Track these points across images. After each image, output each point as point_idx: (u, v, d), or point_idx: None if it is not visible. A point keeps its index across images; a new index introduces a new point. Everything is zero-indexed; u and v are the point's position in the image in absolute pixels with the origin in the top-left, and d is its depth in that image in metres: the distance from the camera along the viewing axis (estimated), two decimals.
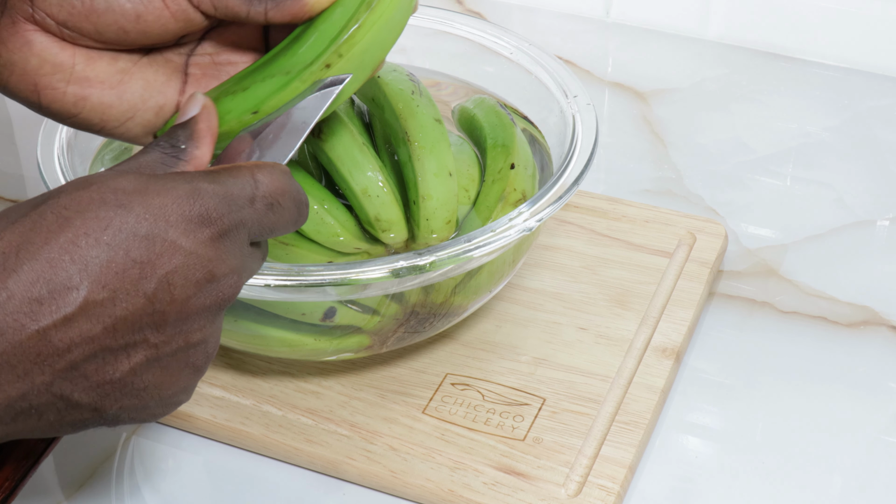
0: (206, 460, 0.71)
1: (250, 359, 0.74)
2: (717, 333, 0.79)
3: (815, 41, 1.06)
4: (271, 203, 0.51)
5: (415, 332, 0.70)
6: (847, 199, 0.90)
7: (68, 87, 0.56)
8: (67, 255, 0.46)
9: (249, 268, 0.52)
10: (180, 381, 0.50)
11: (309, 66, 0.57)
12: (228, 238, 0.49)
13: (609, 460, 0.68)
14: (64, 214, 0.47)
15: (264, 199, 0.51)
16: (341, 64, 0.58)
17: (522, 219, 0.65)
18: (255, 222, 0.51)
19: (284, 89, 0.58)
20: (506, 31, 0.79)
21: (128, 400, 0.49)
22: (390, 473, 0.68)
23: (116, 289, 0.46)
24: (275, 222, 0.52)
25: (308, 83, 0.58)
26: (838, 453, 0.70)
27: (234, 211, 0.50)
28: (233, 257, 0.50)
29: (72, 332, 0.46)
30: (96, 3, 0.54)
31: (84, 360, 0.47)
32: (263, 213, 0.51)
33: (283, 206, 0.52)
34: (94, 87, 0.56)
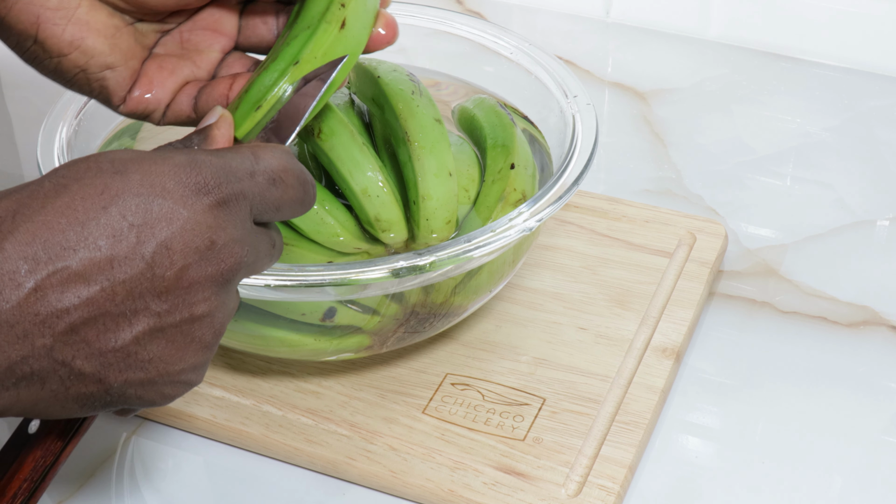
0: (206, 460, 0.71)
1: (250, 359, 0.74)
2: (717, 333, 0.79)
3: (815, 41, 1.06)
4: (273, 178, 0.51)
5: (415, 332, 0.70)
6: (847, 199, 0.90)
7: (68, 26, 0.57)
8: (64, 217, 0.46)
9: (256, 246, 0.51)
10: (187, 356, 0.50)
11: (326, 10, 0.59)
12: (228, 208, 0.49)
13: (609, 460, 0.68)
14: (61, 182, 0.47)
15: (265, 174, 0.51)
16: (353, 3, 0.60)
17: (522, 219, 0.65)
18: (257, 196, 0.51)
19: (314, 35, 0.59)
20: (506, 31, 0.79)
21: (133, 373, 0.48)
22: (390, 473, 0.68)
23: (114, 251, 0.46)
24: (279, 199, 0.52)
25: (334, 24, 0.59)
26: (838, 453, 0.70)
27: (233, 182, 0.50)
28: (234, 228, 0.49)
29: (70, 293, 0.46)
30: None
31: (84, 323, 0.46)
32: (265, 188, 0.51)
33: (287, 183, 0.52)
34: (90, 33, 0.58)
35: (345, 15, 0.59)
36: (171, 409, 0.72)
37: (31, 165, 0.97)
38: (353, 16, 0.60)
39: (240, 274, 0.50)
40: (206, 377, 0.73)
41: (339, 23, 0.59)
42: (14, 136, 1.00)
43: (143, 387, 0.49)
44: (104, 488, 0.69)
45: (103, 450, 0.71)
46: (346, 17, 0.59)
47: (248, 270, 0.51)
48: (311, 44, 0.59)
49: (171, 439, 0.72)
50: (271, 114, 0.58)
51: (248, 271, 0.51)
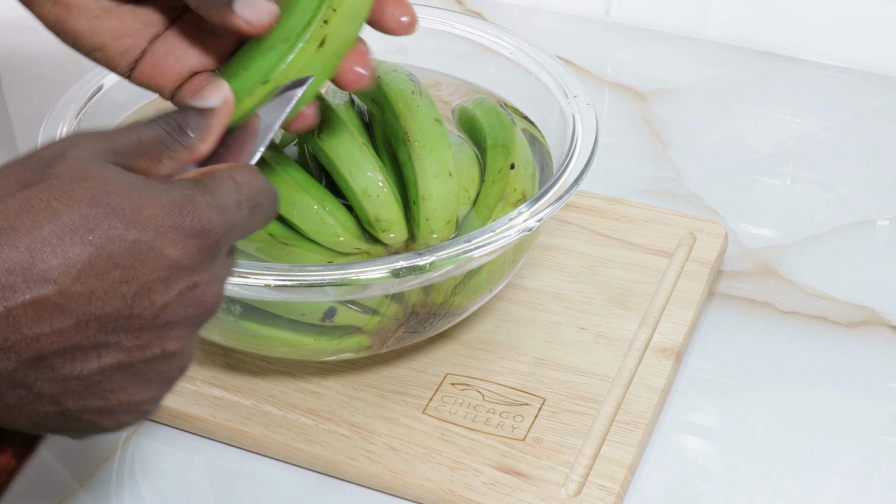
0: (206, 460, 0.71)
1: (250, 359, 0.74)
2: (717, 333, 0.79)
3: (815, 41, 1.06)
4: (253, 206, 0.51)
5: (415, 332, 0.70)
6: (847, 199, 0.91)
7: (52, 7, 0.58)
8: (49, 247, 0.45)
9: (225, 279, 0.51)
10: (151, 389, 0.49)
11: (307, 26, 0.58)
12: (218, 247, 0.49)
13: (609, 460, 0.68)
14: (53, 205, 0.46)
15: (248, 203, 0.51)
16: (336, 19, 0.58)
17: (522, 219, 0.65)
18: (243, 229, 0.51)
19: (291, 53, 0.57)
20: (506, 31, 0.79)
21: (92, 400, 0.48)
22: (390, 473, 0.68)
23: (94, 288, 0.46)
24: (256, 223, 0.52)
25: (312, 43, 0.57)
26: (838, 453, 0.70)
27: (226, 223, 0.50)
28: (216, 267, 0.50)
29: (43, 323, 0.45)
30: None
31: (53, 353, 0.46)
32: (248, 217, 0.51)
33: (263, 206, 0.52)
34: (73, 14, 0.58)
35: (325, 33, 0.58)
36: (172, 409, 0.72)
37: None
38: (333, 35, 0.58)
39: (214, 312, 0.50)
40: (206, 377, 0.73)
41: (318, 41, 0.58)
42: (14, 136, 1.00)
43: (100, 414, 0.49)
44: (104, 488, 0.69)
45: (103, 450, 0.71)
46: (326, 35, 0.58)
47: (218, 307, 0.51)
48: (287, 64, 0.57)
49: (171, 439, 0.72)
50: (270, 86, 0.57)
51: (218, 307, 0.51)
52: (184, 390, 0.72)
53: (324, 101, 0.72)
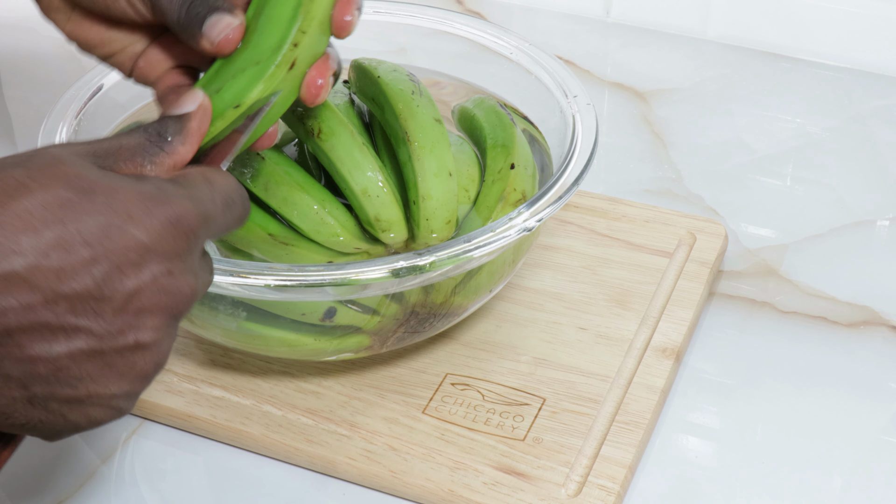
0: (206, 460, 0.71)
1: (250, 359, 0.74)
2: (717, 333, 0.79)
3: (815, 41, 1.06)
4: (227, 202, 0.52)
5: (415, 332, 0.70)
6: (847, 199, 0.91)
7: (66, 24, 0.63)
8: (21, 222, 0.45)
9: (203, 278, 0.51)
10: (123, 383, 0.49)
11: (278, 50, 0.58)
12: (194, 237, 0.49)
13: (609, 460, 0.68)
14: (28, 184, 0.46)
15: (222, 199, 0.52)
16: (305, 41, 0.59)
17: (522, 219, 0.65)
18: (217, 223, 0.51)
19: (261, 78, 0.58)
20: (506, 31, 0.79)
21: (60, 387, 0.48)
22: (390, 473, 0.68)
23: (63, 265, 0.46)
24: (230, 220, 0.53)
25: (283, 67, 0.58)
26: (838, 453, 0.70)
27: (201, 209, 0.50)
28: (191, 258, 0.50)
29: (10, 296, 0.45)
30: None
31: (20, 329, 0.46)
32: (222, 213, 0.52)
33: (235, 203, 0.53)
34: (85, 29, 0.63)
35: (295, 56, 0.59)
36: (171, 409, 0.72)
37: None
38: (303, 57, 0.59)
39: (190, 305, 0.50)
40: (206, 377, 0.73)
41: (288, 64, 0.59)
42: (14, 136, 1.00)
43: (68, 404, 0.48)
44: (104, 488, 0.69)
45: (103, 450, 0.71)
46: (296, 57, 0.59)
47: (195, 301, 0.51)
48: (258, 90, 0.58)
49: (171, 439, 0.72)
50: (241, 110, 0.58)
51: (194, 302, 0.51)
52: (184, 390, 0.73)
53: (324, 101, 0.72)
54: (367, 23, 0.82)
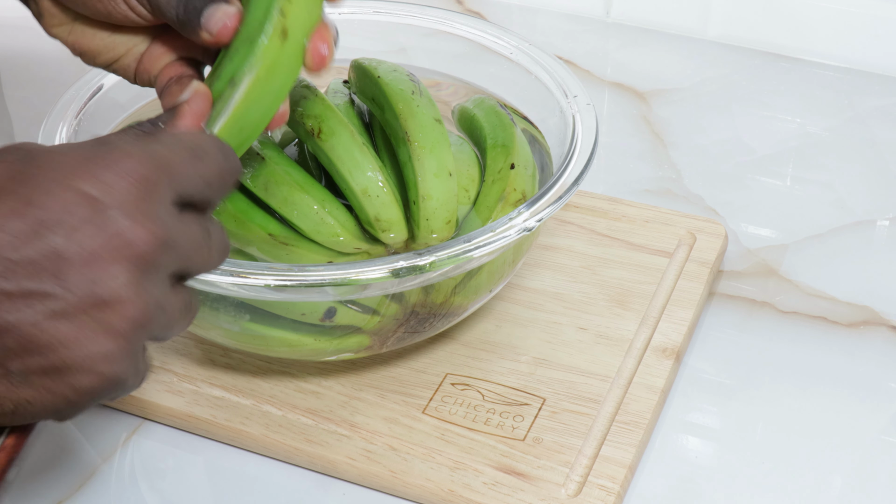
0: (206, 460, 0.71)
1: (250, 359, 0.74)
2: (717, 333, 0.79)
3: (815, 41, 1.06)
4: (193, 150, 0.50)
5: (415, 332, 0.70)
6: (847, 199, 0.91)
7: (69, 36, 0.64)
8: None
9: (185, 232, 0.49)
10: (98, 343, 0.47)
11: (265, 21, 0.58)
12: (150, 185, 0.48)
13: (609, 460, 0.68)
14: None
15: (186, 147, 0.50)
16: (294, 8, 0.58)
17: (522, 219, 0.65)
18: (181, 172, 0.49)
19: (252, 53, 0.58)
20: (506, 31, 0.79)
21: (33, 358, 0.47)
22: (390, 473, 0.68)
23: (14, 231, 0.46)
24: (205, 172, 0.51)
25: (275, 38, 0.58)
26: (838, 453, 0.70)
27: (150, 153, 0.48)
28: (152, 206, 0.48)
29: None
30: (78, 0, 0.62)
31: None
32: (189, 160, 0.50)
33: (209, 154, 0.51)
34: (88, 39, 0.64)
35: (285, 24, 0.58)
36: (171, 409, 0.72)
37: None
38: (295, 25, 0.58)
39: (165, 260, 0.48)
40: (206, 377, 0.73)
41: (279, 34, 0.58)
42: (14, 136, 1.00)
43: (48, 376, 0.47)
44: (104, 488, 0.69)
45: (103, 450, 0.71)
46: (286, 26, 0.58)
47: (182, 259, 0.49)
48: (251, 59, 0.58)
49: (171, 439, 0.72)
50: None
51: (183, 261, 0.49)
52: (184, 390, 0.73)
53: (324, 101, 0.72)
54: (367, 23, 0.82)
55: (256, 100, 0.58)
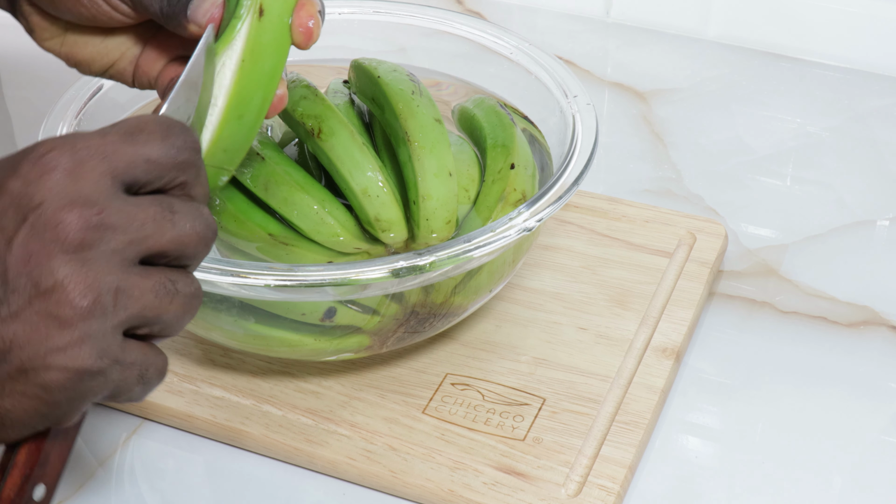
0: (206, 460, 0.71)
1: (250, 359, 0.74)
2: (717, 333, 0.79)
3: (815, 41, 1.06)
4: (128, 132, 0.49)
5: (415, 332, 0.70)
6: (847, 199, 0.91)
7: (62, 47, 0.64)
8: None
9: (123, 210, 0.48)
10: (47, 338, 0.46)
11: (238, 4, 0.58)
12: (74, 176, 0.47)
13: (609, 460, 0.68)
14: None
15: (118, 131, 0.49)
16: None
17: (522, 219, 0.65)
18: (112, 154, 0.48)
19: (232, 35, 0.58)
20: (506, 31, 0.79)
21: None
22: (390, 473, 0.68)
23: None
24: (140, 150, 0.49)
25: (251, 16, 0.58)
26: (838, 453, 0.70)
27: (73, 141, 0.48)
28: (82, 194, 0.47)
29: None
30: (60, 5, 0.62)
31: None
32: (119, 143, 0.48)
33: (146, 131, 0.49)
34: (81, 47, 0.64)
35: (258, 2, 0.58)
36: (171, 409, 0.72)
37: None
38: (270, 1, 0.58)
39: (106, 239, 0.47)
40: (206, 377, 0.73)
41: (256, 12, 0.58)
42: (14, 136, 1.00)
43: (15, 380, 0.47)
44: (104, 488, 0.69)
45: (103, 450, 0.71)
46: (260, 4, 0.58)
47: (131, 238, 0.48)
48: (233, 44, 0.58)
49: (171, 439, 0.72)
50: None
51: (133, 239, 0.48)
52: (184, 390, 0.72)
53: (324, 101, 0.72)
54: (367, 23, 0.82)
55: (248, 84, 0.58)
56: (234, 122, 0.58)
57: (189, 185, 0.51)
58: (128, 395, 0.50)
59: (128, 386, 0.49)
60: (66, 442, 0.52)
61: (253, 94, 0.58)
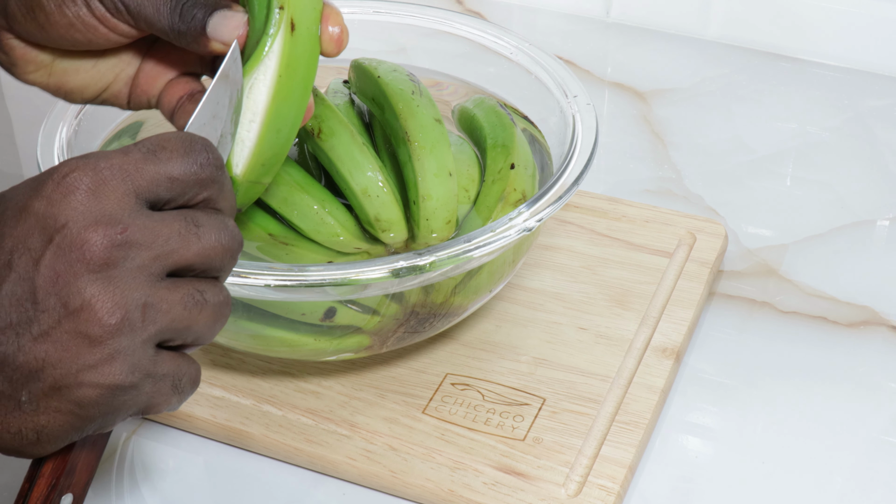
0: (206, 460, 0.71)
1: (250, 359, 0.74)
2: (717, 333, 0.79)
3: (815, 41, 1.06)
4: (150, 149, 0.49)
5: (415, 332, 0.70)
6: (847, 199, 0.91)
7: (50, 78, 0.61)
8: None
9: (147, 226, 0.48)
10: (78, 356, 0.47)
11: (268, 21, 0.57)
12: (96, 195, 0.47)
13: (609, 460, 0.68)
14: None
15: (140, 148, 0.49)
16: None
17: (522, 219, 0.65)
18: (135, 172, 0.48)
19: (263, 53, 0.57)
20: (506, 31, 0.79)
21: (34, 383, 0.47)
22: (390, 473, 0.68)
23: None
24: (164, 167, 0.49)
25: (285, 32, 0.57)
26: (838, 453, 0.70)
27: (95, 161, 0.48)
28: (96, 207, 0.47)
29: None
30: (52, 32, 0.58)
31: None
32: (142, 161, 0.49)
33: (168, 148, 0.49)
34: (71, 75, 0.61)
35: (290, 15, 0.57)
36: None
37: (31, 165, 0.97)
38: (300, 15, 0.57)
39: (132, 256, 0.48)
40: (206, 377, 0.73)
41: (287, 27, 0.57)
42: (14, 136, 1.00)
43: (50, 397, 0.48)
44: (104, 488, 0.69)
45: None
46: (292, 17, 0.57)
47: (156, 253, 0.48)
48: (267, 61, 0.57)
49: (171, 439, 0.72)
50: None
51: (159, 254, 0.48)
52: None
53: (324, 101, 0.72)
54: (367, 23, 0.82)
55: (285, 99, 0.57)
56: (272, 137, 0.57)
57: (213, 199, 0.51)
58: (164, 406, 0.51)
59: (163, 397, 0.50)
60: (94, 451, 0.53)
61: (289, 108, 0.58)
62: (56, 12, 0.56)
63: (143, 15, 0.57)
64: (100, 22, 0.57)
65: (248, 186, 0.58)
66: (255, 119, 0.57)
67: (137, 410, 0.50)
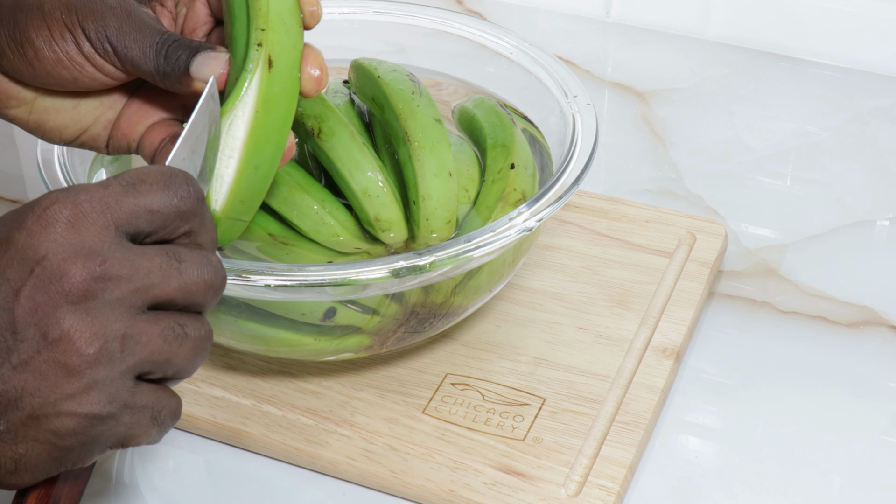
0: (206, 460, 0.71)
1: (250, 359, 0.74)
2: (717, 333, 0.79)
3: (815, 41, 1.06)
4: (130, 182, 0.49)
5: (415, 332, 0.70)
6: (847, 199, 0.91)
7: (30, 115, 0.60)
8: None
9: (127, 259, 0.48)
10: (57, 386, 0.47)
11: (246, 58, 0.57)
12: (76, 228, 0.48)
13: (609, 460, 0.68)
14: None
15: (120, 181, 0.49)
16: (270, 36, 0.57)
17: (522, 219, 0.65)
18: (114, 205, 0.49)
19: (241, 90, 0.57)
20: (506, 31, 0.79)
21: (12, 413, 0.47)
22: (390, 473, 0.68)
23: None
24: (143, 200, 0.49)
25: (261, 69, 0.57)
26: (838, 453, 0.70)
27: (75, 195, 0.48)
28: (74, 239, 0.48)
29: None
30: (39, 68, 0.57)
31: None
32: (120, 194, 0.49)
33: (148, 182, 0.49)
34: (51, 115, 0.60)
35: (267, 53, 0.57)
36: None
37: (31, 165, 0.97)
38: (278, 52, 0.57)
39: (111, 289, 0.48)
40: (206, 377, 0.73)
41: (265, 64, 0.57)
42: (14, 136, 1.00)
43: (28, 427, 0.48)
44: (104, 488, 0.69)
45: None
46: (269, 54, 0.57)
47: (136, 286, 0.48)
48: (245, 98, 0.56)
49: (171, 439, 0.72)
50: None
51: (139, 287, 0.48)
52: (184, 390, 0.72)
53: (324, 101, 0.72)
54: (367, 23, 0.82)
55: (262, 135, 0.57)
56: (250, 173, 0.57)
57: (195, 233, 0.51)
58: (144, 438, 0.51)
59: (142, 428, 0.50)
60: (77, 485, 0.53)
61: (267, 145, 0.58)
62: (45, 48, 0.57)
63: (130, 57, 0.57)
64: (87, 60, 0.57)
65: (228, 224, 0.58)
66: (233, 155, 0.57)
67: (116, 442, 0.50)
